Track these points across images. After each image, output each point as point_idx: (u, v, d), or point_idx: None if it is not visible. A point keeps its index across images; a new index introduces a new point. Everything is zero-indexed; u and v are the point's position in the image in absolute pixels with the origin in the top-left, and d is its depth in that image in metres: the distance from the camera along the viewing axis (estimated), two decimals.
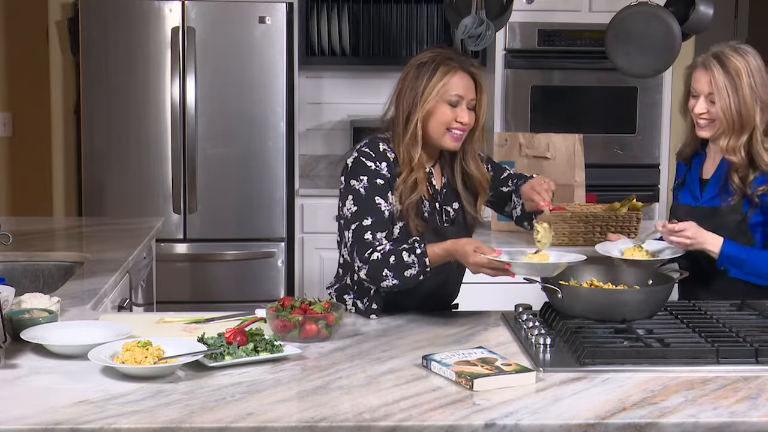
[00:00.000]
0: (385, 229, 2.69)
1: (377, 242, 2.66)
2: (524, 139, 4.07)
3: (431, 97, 2.71)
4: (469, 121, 2.74)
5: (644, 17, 4.42)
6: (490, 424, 1.90)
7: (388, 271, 2.62)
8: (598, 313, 2.50)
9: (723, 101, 2.77)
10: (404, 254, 2.62)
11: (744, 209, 2.81)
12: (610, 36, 4.47)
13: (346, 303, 2.79)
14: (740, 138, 2.78)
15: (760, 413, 1.96)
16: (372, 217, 2.68)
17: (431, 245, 2.64)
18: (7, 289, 2.50)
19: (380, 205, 2.69)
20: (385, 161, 2.73)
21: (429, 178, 2.81)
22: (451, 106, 2.72)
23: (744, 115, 2.77)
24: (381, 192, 2.70)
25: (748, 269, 2.76)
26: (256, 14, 5.20)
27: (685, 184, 2.98)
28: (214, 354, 2.20)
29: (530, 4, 5.36)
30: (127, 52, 5.18)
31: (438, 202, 2.82)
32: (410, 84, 2.75)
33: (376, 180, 2.71)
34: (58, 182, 5.52)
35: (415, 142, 2.72)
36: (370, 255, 2.64)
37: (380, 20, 5.63)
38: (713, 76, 2.78)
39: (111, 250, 3.49)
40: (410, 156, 2.73)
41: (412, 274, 2.61)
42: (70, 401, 1.96)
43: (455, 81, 2.71)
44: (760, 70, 2.80)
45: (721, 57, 2.80)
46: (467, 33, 4.38)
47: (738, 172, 2.80)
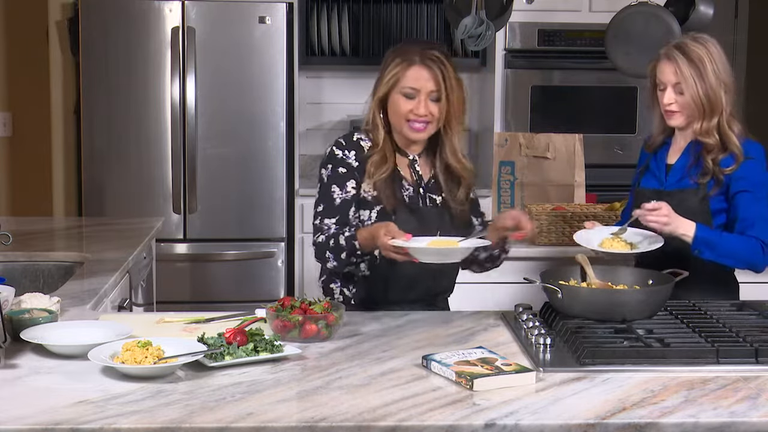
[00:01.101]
0: (335, 215, 2.82)
1: (325, 226, 2.82)
2: (524, 139, 4.07)
3: (383, 84, 2.83)
4: (426, 112, 2.80)
5: (644, 17, 4.42)
6: (490, 424, 1.90)
7: (329, 253, 2.78)
8: (598, 313, 2.50)
9: (691, 89, 2.86)
10: (340, 237, 2.77)
11: (708, 189, 2.88)
12: (610, 36, 4.47)
13: (333, 291, 2.90)
14: (712, 121, 2.88)
15: (760, 413, 1.96)
16: (323, 204, 2.85)
17: (363, 229, 2.76)
18: (7, 289, 2.50)
19: (334, 192, 2.83)
20: (354, 150, 2.86)
21: (413, 165, 2.90)
22: (407, 98, 2.80)
23: (712, 99, 2.86)
24: (339, 180, 2.84)
25: (721, 252, 2.80)
26: (256, 14, 5.20)
27: (649, 170, 3.04)
28: (214, 354, 2.20)
29: (530, 4, 5.36)
30: (127, 52, 5.18)
31: (422, 188, 2.88)
32: (379, 73, 2.88)
33: (338, 168, 2.85)
34: (58, 182, 5.52)
35: (375, 126, 2.85)
36: (317, 238, 2.82)
37: (380, 20, 5.63)
38: (678, 66, 2.87)
39: (111, 250, 3.49)
40: (375, 139, 2.86)
41: (345, 255, 2.75)
42: (70, 401, 1.96)
43: (409, 73, 2.80)
44: (721, 55, 2.90)
45: (683, 47, 2.89)
46: (467, 33, 4.38)
47: (711, 153, 2.89)
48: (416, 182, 2.89)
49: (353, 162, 2.85)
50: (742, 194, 2.86)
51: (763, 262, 2.85)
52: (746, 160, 2.87)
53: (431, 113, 2.80)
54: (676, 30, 4.37)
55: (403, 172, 2.89)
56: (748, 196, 2.85)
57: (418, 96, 2.79)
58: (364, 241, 2.73)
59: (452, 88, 2.81)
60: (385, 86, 2.83)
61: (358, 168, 2.84)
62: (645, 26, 4.39)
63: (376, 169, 2.82)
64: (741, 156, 2.86)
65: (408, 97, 2.80)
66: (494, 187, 4.09)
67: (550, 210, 3.80)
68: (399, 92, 2.81)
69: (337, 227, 2.81)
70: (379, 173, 2.82)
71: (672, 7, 4.56)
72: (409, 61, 2.81)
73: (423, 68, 2.80)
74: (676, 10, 4.52)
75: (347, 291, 2.88)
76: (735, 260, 2.85)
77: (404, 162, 2.90)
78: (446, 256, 2.65)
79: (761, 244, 2.82)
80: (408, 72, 2.80)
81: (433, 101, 2.80)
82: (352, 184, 2.84)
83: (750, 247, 2.82)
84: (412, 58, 2.81)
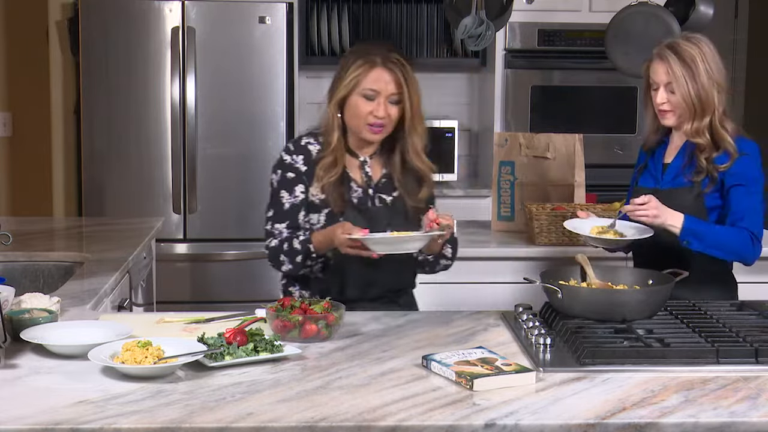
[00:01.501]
0: (285, 220, 2.89)
1: (276, 231, 2.89)
2: (524, 139, 4.07)
3: (343, 87, 2.84)
4: (385, 115, 2.82)
5: (644, 17, 4.42)
6: (490, 424, 1.90)
7: (284, 256, 2.86)
8: (598, 313, 2.50)
9: (682, 88, 2.86)
10: (294, 241, 2.84)
11: (702, 186, 2.89)
12: (610, 36, 4.47)
13: (292, 294, 2.96)
14: (703, 121, 2.88)
15: (760, 413, 1.96)
16: (273, 209, 2.91)
17: (317, 232, 2.83)
18: (7, 289, 2.50)
19: (282, 197, 2.90)
20: (302, 154, 2.90)
21: (364, 166, 2.93)
22: (367, 100, 2.82)
23: (704, 99, 2.87)
24: (287, 185, 2.90)
25: (710, 242, 2.80)
26: (256, 14, 5.20)
27: (647, 169, 3.06)
28: (214, 354, 2.20)
29: (530, 4, 5.36)
30: (127, 52, 5.18)
31: (371, 189, 2.91)
32: (336, 74, 2.90)
33: (287, 174, 2.90)
34: (58, 182, 5.52)
35: (330, 128, 2.87)
36: (269, 243, 2.90)
37: (380, 20, 5.63)
38: (670, 66, 2.87)
39: (111, 250, 3.49)
40: (328, 140, 2.87)
41: (300, 258, 2.83)
42: (70, 401, 1.96)
43: (370, 75, 2.82)
44: (714, 55, 2.90)
45: (675, 47, 2.89)
46: (467, 33, 4.38)
47: (704, 152, 2.89)
48: (366, 183, 2.92)
49: (301, 166, 2.89)
50: (736, 188, 2.86)
51: (752, 254, 2.85)
52: (740, 156, 2.87)
53: (389, 115, 2.83)
54: (676, 30, 4.37)
55: (353, 173, 2.91)
56: (741, 189, 2.86)
57: (378, 98, 2.82)
58: (318, 243, 2.81)
59: (413, 90, 2.84)
60: (345, 88, 2.84)
61: (306, 172, 2.88)
62: (645, 26, 4.39)
63: (325, 173, 2.85)
64: (735, 153, 2.87)
65: (368, 99, 2.82)
66: (494, 187, 4.09)
67: (550, 210, 3.80)
68: (359, 94, 2.83)
69: (290, 231, 2.87)
70: (328, 176, 2.85)
71: (672, 7, 4.57)
72: (371, 63, 2.82)
73: (384, 70, 2.82)
74: (676, 10, 4.52)
75: (306, 293, 2.93)
76: (724, 251, 2.84)
77: (354, 164, 2.93)
78: (402, 245, 2.71)
79: (751, 235, 2.82)
80: (369, 74, 2.82)
81: (392, 104, 2.83)
82: (301, 189, 2.89)
83: (739, 238, 2.82)
84: (374, 60, 2.82)
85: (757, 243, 2.84)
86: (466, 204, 5.34)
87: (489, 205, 4.89)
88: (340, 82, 2.85)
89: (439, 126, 5.50)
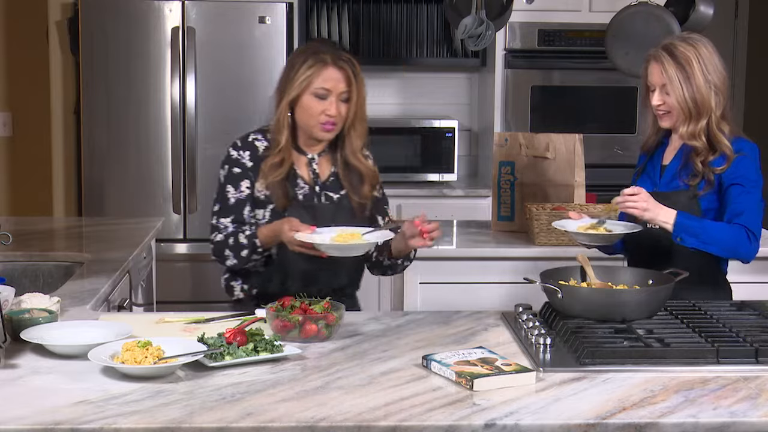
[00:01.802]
0: (230, 214, 2.91)
1: (221, 225, 2.91)
2: (524, 139, 4.07)
3: (295, 86, 2.86)
4: (336, 113, 2.86)
5: (644, 17, 4.42)
6: (490, 424, 1.90)
7: (229, 251, 2.88)
8: (598, 313, 2.50)
9: (676, 91, 2.83)
10: (240, 236, 2.87)
11: (698, 189, 2.86)
12: (610, 36, 4.47)
13: (233, 288, 2.99)
14: (699, 123, 2.84)
15: (760, 413, 1.96)
16: (219, 204, 2.94)
17: (264, 226, 2.85)
18: (7, 289, 2.50)
19: (228, 192, 2.92)
20: (249, 150, 2.93)
21: (311, 164, 2.95)
22: (318, 99, 2.85)
23: (699, 102, 2.83)
24: (233, 180, 2.92)
25: (704, 238, 2.75)
26: (256, 14, 5.20)
27: (645, 171, 3.03)
28: (214, 354, 2.20)
29: (530, 4, 5.36)
30: (127, 52, 5.18)
31: (318, 186, 2.94)
32: (285, 74, 2.92)
33: (233, 169, 2.93)
34: (58, 182, 5.52)
35: (281, 127, 2.89)
36: (215, 237, 2.92)
37: (380, 20, 5.63)
38: (664, 68, 2.84)
39: (111, 250, 3.49)
40: (277, 140, 2.89)
41: (246, 253, 2.85)
42: (70, 401, 1.96)
43: (323, 74, 2.85)
44: (711, 56, 2.86)
45: (670, 48, 2.86)
46: (467, 33, 4.38)
47: (700, 156, 2.86)
48: (313, 181, 2.94)
49: (247, 162, 2.92)
50: (734, 187, 2.82)
51: (748, 251, 2.80)
52: (738, 156, 2.84)
53: (340, 113, 2.87)
54: (676, 30, 4.37)
55: (300, 171, 2.94)
56: (739, 188, 2.82)
57: (330, 96, 2.85)
58: (265, 238, 2.83)
59: (360, 88, 2.88)
60: (297, 88, 2.85)
61: (252, 168, 2.91)
62: (645, 26, 4.39)
63: (271, 172, 2.88)
64: (732, 155, 2.83)
65: (320, 98, 2.85)
66: (494, 187, 4.08)
67: (550, 210, 3.80)
68: (311, 93, 2.85)
69: (235, 226, 2.90)
70: (273, 175, 2.87)
71: (672, 7, 4.57)
72: (323, 62, 2.85)
73: (336, 69, 2.85)
74: (676, 10, 4.52)
75: (247, 287, 2.96)
76: (720, 248, 2.78)
77: (302, 161, 2.95)
78: (349, 251, 2.72)
79: (747, 231, 2.77)
80: (321, 73, 2.84)
81: (343, 102, 2.87)
82: (246, 184, 2.91)
83: (735, 234, 2.77)
84: (325, 59, 2.85)
85: (754, 239, 2.79)
86: (466, 204, 5.34)
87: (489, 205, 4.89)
88: (291, 82, 2.86)
89: (439, 126, 5.50)
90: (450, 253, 3.85)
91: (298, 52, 2.96)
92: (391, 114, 5.86)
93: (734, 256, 2.84)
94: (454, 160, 5.50)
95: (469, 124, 5.96)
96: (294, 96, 2.86)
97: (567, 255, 3.51)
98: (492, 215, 4.12)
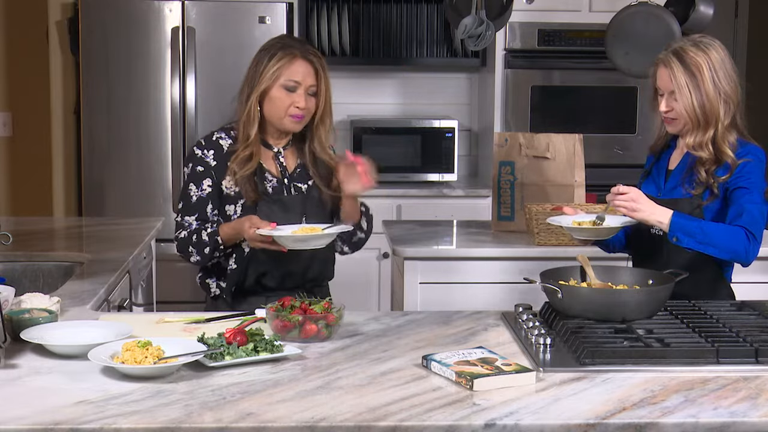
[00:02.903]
0: (193, 212, 2.96)
1: (186, 223, 2.96)
2: (524, 139, 4.07)
3: (266, 79, 2.90)
4: (306, 106, 2.91)
5: (644, 17, 4.42)
6: (490, 424, 1.90)
7: (192, 248, 2.93)
8: (598, 313, 2.49)
9: (685, 98, 2.75)
10: (203, 233, 2.92)
11: (703, 198, 2.80)
12: (610, 36, 4.47)
13: (209, 286, 3.03)
14: (706, 133, 2.76)
15: (760, 413, 1.96)
16: (183, 202, 2.98)
17: (225, 224, 2.92)
18: (7, 289, 2.50)
19: (191, 191, 2.96)
20: (213, 149, 2.97)
21: (278, 157, 3.00)
22: (288, 91, 2.90)
23: (708, 111, 2.75)
24: (196, 179, 2.96)
25: (702, 239, 2.68)
26: (256, 14, 5.20)
27: (650, 175, 2.98)
28: (214, 354, 2.20)
29: (530, 4, 5.36)
30: (127, 52, 5.18)
31: (287, 179, 2.97)
32: (253, 68, 2.97)
33: (197, 167, 2.96)
34: (58, 182, 5.52)
35: (251, 121, 2.93)
36: (179, 234, 2.97)
37: (380, 20, 5.63)
38: (673, 74, 2.76)
39: (111, 250, 3.49)
40: (247, 133, 2.93)
41: (208, 250, 2.91)
42: (70, 401, 1.96)
43: (292, 67, 2.90)
44: (723, 62, 2.77)
45: (680, 53, 2.77)
46: (467, 33, 4.38)
47: (704, 165, 2.79)
48: (281, 174, 2.98)
49: (211, 161, 2.95)
50: (738, 190, 2.75)
51: (747, 252, 2.70)
52: (744, 161, 2.76)
53: (308, 107, 2.92)
54: (676, 30, 4.36)
55: (267, 165, 2.98)
56: (742, 191, 2.74)
57: (298, 89, 2.90)
58: (226, 235, 2.89)
59: (327, 83, 2.95)
60: (267, 81, 2.91)
61: (215, 167, 2.95)
62: (645, 26, 4.39)
63: (240, 166, 2.91)
64: (735, 164, 2.75)
65: (289, 90, 2.90)
66: (494, 187, 4.08)
67: (550, 210, 3.80)
68: (280, 86, 2.90)
69: (198, 223, 2.95)
70: (243, 170, 2.91)
71: (672, 7, 4.56)
72: (292, 55, 2.91)
73: (304, 62, 2.91)
74: (676, 10, 4.52)
75: (222, 284, 2.99)
76: (718, 249, 2.69)
77: (269, 155, 2.99)
78: (308, 242, 2.78)
79: (746, 233, 2.68)
80: (291, 66, 2.90)
81: (310, 95, 2.92)
82: (209, 182, 2.95)
83: (734, 236, 2.68)
84: (294, 52, 2.91)
85: (754, 241, 2.70)
86: (466, 204, 5.34)
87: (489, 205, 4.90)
88: (260, 75, 2.91)
89: (439, 126, 5.51)
90: (450, 253, 3.85)
91: (265, 46, 2.99)
92: (391, 114, 5.86)
93: (732, 258, 2.74)
94: (454, 160, 5.50)
95: (469, 124, 5.96)
96: (263, 89, 2.91)
97: (567, 255, 3.51)
98: (492, 215, 4.12)
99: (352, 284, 5.16)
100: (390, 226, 4.18)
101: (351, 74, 5.82)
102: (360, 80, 5.85)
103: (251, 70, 2.96)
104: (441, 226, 4.30)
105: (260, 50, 2.99)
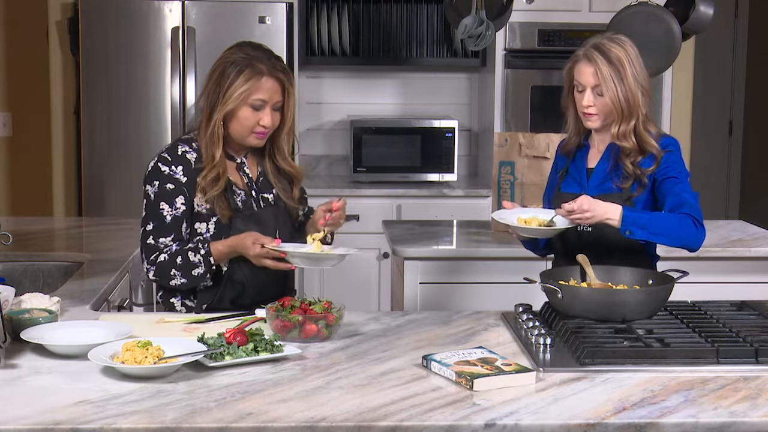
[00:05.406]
0: (169, 233, 2.79)
1: (162, 245, 2.78)
2: (524, 139, 4.07)
3: (232, 100, 2.77)
4: (272, 123, 2.81)
5: (644, 17, 4.42)
6: (490, 424, 1.90)
7: (176, 271, 2.76)
8: (598, 313, 2.50)
9: (611, 91, 2.80)
10: (190, 254, 2.76)
11: (632, 191, 2.83)
12: None
13: (174, 305, 2.86)
14: (629, 123, 2.81)
15: (760, 413, 1.96)
16: (153, 223, 2.79)
17: (216, 243, 2.77)
18: (7, 289, 2.50)
19: (163, 210, 2.79)
20: (181, 164, 2.81)
21: (242, 168, 2.90)
22: (254, 110, 2.79)
23: (631, 102, 2.80)
24: (168, 197, 2.79)
25: (654, 229, 2.70)
26: (256, 14, 5.20)
27: (569, 174, 2.97)
28: (214, 354, 2.20)
29: (530, 4, 5.36)
30: (127, 52, 5.18)
31: (254, 190, 2.90)
32: (215, 82, 2.82)
33: (166, 185, 2.79)
34: (58, 182, 5.52)
35: (215, 142, 2.79)
36: (156, 258, 2.78)
37: (380, 20, 5.63)
38: (598, 68, 2.81)
39: (111, 250, 3.49)
40: (212, 154, 2.79)
41: (199, 272, 2.76)
42: (70, 401, 1.96)
43: (260, 86, 2.78)
44: (638, 57, 2.85)
45: (602, 48, 2.83)
46: (467, 33, 4.38)
47: (629, 156, 2.83)
48: (247, 185, 2.89)
49: (181, 177, 2.80)
50: (669, 180, 2.79)
51: (697, 238, 2.73)
52: (667, 153, 2.81)
53: (273, 123, 2.83)
54: (676, 30, 4.37)
55: (233, 177, 2.86)
56: (673, 181, 2.79)
57: (265, 107, 2.79)
58: (219, 254, 2.76)
59: (293, 96, 2.85)
60: (233, 101, 2.76)
61: (186, 183, 2.79)
62: (645, 26, 4.39)
63: (209, 186, 2.78)
64: (659, 154, 2.80)
65: (255, 109, 2.79)
66: (494, 187, 4.09)
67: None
68: (247, 105, 2.78)
69: (177, 244, 2.79)
70: (213, 190, 2.78)
71: (672, 7, 4.57)
72: (259, 73, 2.77)
73: (271, 79, 2.79)
74: (676, 10, 4.52)
75: (189, 302, 2.85)
76: (668, 238, 2.72)
77: (233, 166, 2.88)
78: (322, 262, 2.75)
79: (693, 220, 2.72)
80: (258, 85, 2.77)
81: (275, 110, 2.82)
82: (182, 200, 2.79)
83: (683, 223, 2.71)
84: (261, 69, 2.78)
85: (701, 227, 2.73)
86: (466, 204, 5.34)
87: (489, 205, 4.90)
88: (227, 94, 2.77)
89: (439, 126, 5.51)
90: (450, 253, 3.85)
91: (230, 60, 2.81)
92: (391, 114, 5.86)
93: (683, 245, 2.77)
94: (454, 160, 5.50)
95: (469, 124, 5.96)
96: (230, 109, 2.78)
97: None
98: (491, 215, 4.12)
99: (352, 284, 5.16)
100: (390, 226, 4.18)
101: (351, 74, 5.83)
102: (360, 80, 5.85)
103: (213, 83, 2.82)
104: (441, 226, 4.31)
105: (225, 62, 2.82)
